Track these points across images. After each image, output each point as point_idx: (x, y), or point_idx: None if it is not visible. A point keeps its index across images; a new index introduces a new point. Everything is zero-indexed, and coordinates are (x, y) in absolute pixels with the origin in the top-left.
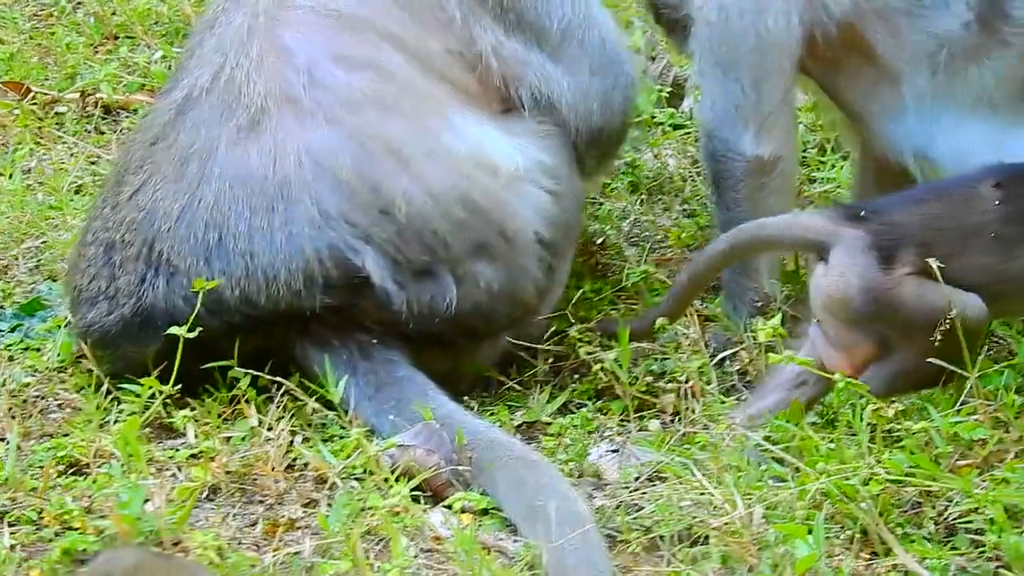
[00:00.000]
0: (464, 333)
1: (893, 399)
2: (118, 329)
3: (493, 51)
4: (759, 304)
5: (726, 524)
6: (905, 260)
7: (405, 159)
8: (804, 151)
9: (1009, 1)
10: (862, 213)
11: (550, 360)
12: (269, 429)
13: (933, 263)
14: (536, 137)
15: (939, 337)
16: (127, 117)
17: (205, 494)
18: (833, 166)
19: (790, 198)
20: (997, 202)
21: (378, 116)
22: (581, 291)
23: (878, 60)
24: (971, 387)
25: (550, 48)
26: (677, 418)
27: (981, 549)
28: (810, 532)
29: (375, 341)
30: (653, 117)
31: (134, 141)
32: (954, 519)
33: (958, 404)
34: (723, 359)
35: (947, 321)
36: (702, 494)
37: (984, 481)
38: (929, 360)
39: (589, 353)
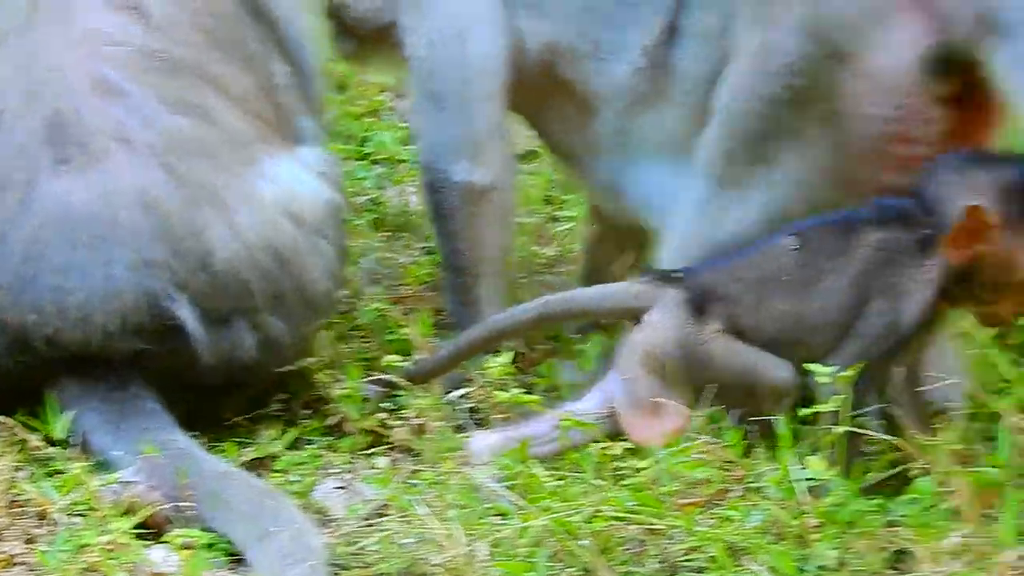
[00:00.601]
0: (246, 381)
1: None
2: None
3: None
4: None
5: (448, 561)
6: (715, 314)
7: (224, 206)
8: (548, 191)
9: (674, 54)
10: (676, 274)
11: (284, 395)
12: None
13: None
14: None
15: (744, 399)
16: None
17: None
18: (576, 205)
19: (510, 229)
20: (793, 248)
21: (202, 161)
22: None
23: (573, 98)
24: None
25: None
26: (408, 455)
27: None
28: (532, 569)
29: (122, 375)
30: (397, 155)
31: None
32: (676, 557)
33: (684, 443)
34: (454, 396)
35: (754, 385)
36: (426, 531)
37: (707, 519)
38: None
39: (322, 388)
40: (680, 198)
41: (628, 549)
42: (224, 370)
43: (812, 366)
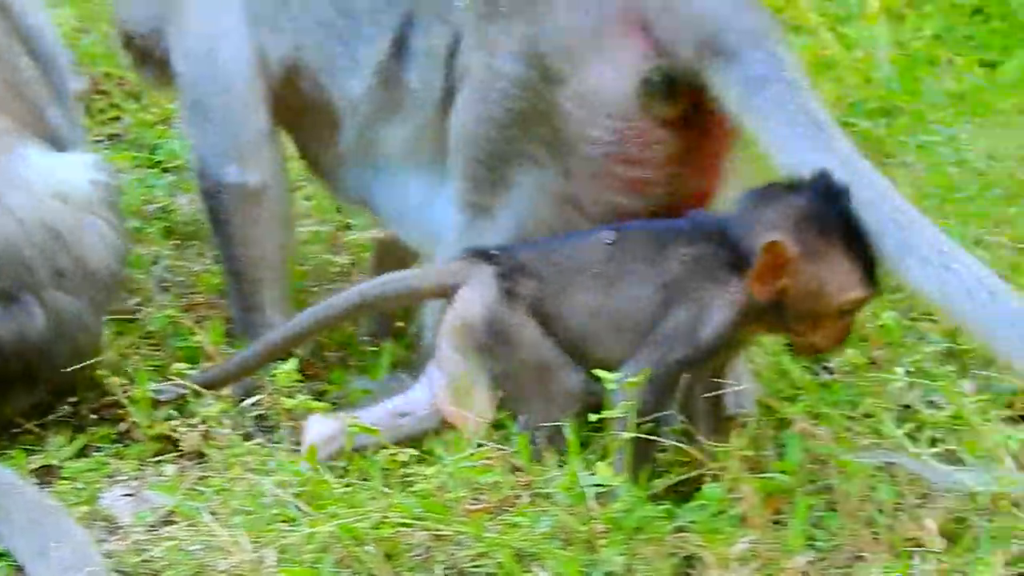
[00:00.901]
0: (40, 372)
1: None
2: None
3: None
4: None
5: (235, 567)
6: (524, 294)
7: None
8: None
9: (406, 72)
10: (493, 253)
11: (72, 401)
12: None
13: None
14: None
15: (532, 396)
16: None
17: None
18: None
19: (286, 231)
20: (608, 242)
21: None
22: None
23: (317, 113)
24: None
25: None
26: (196, 461)
27: None
28: (318, 575)
29: None
30: (188, 163)
31: None
32: (464, 564)
33: (472, 448)
34: (244, 403)
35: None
36: (213, 538)
37: (495, 525)
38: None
39: (112, 394)
40: (438, 222)
41: (415, 555)
42: (16, 352)
43: (601, 372)
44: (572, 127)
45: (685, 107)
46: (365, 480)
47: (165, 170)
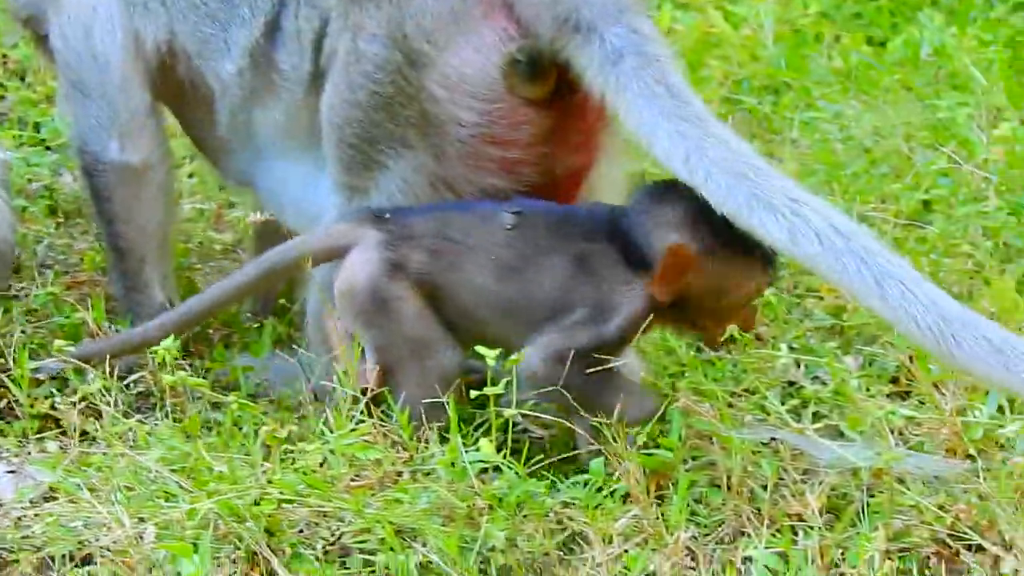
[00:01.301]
0: None
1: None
2: None
3: None
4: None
5: (115, 543)
6: (411, 268)
7: None
8: None
9: (277, 54)
10: (386, 216)
11: None
12: None
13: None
14: None
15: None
16: None
17: None
18: None
19: (169, 208)
20: (509, 226)
21: None
22: None
23: (196, 95)
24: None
25: None
26: (79, 438)
27: (372, 569)
28: (198, 551)
29: None
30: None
31: None
32: (346, 539)
33: (355, 424)
34: (127, 379)
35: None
36: (94, 514)
37: (377, 501)
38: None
39: None
40: (319, 205)
41: (297, 531)
42: None
43: (483, 349)
44: (440, 109)
45: (552, 86)
46: (246, 456)
47: (49, 148)
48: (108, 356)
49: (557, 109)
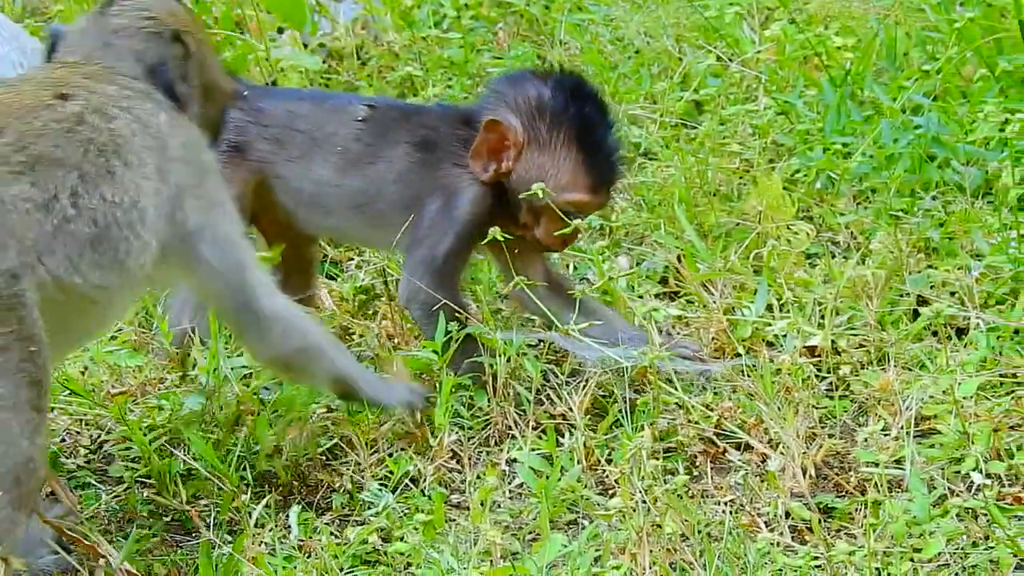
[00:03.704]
0: None
1: None
2: None
3: None
4: None
5: None
6: (253, 154)
7: None
8: None
9: None
10: (244, 93)
11: None
12: None
13: None
14: None
15: None
16: None
17: None
18: None
19: None
20: (360, 119)
21: None
22: None
23: None
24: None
25: None
26: None
27: (135, 474)
28: None
29: None
30: None
31: None
32: (108, 447)
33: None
34: None
35: None
36: None
37: (139, 408)
38: None
39: None
40: None
41: (60, 441)
42: None
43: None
44: None
45: None
46: None
47: None
48: None
49: None
